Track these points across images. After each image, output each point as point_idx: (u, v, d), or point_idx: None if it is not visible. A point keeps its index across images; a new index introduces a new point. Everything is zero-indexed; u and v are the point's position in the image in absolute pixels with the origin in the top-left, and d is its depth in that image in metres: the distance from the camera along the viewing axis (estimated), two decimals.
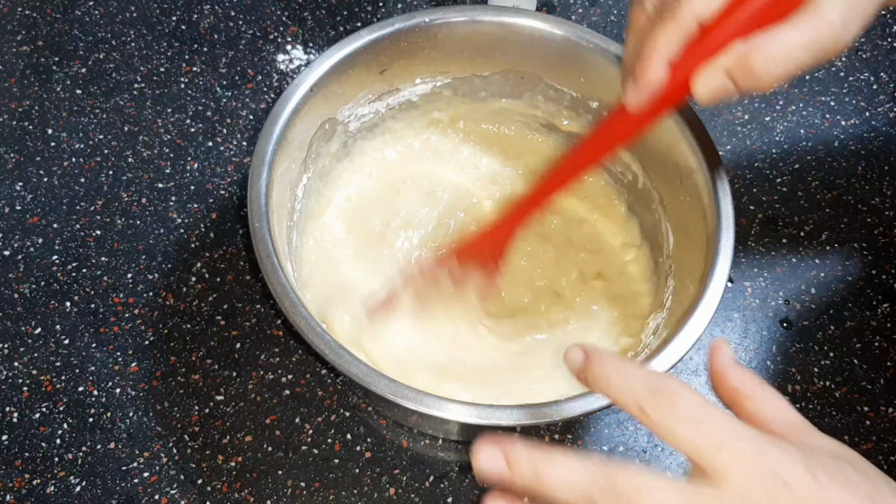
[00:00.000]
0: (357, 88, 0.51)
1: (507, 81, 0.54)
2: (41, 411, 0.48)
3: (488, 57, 0.53)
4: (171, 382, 0.50)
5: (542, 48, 0.51)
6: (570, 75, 0.52)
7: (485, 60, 0.53)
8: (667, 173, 0.49)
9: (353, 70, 0.49)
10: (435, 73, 0.53)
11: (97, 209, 0.56)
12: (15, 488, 0.46)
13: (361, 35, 0.49)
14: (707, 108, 0.58)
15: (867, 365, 0.53)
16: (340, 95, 0.50)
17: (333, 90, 0.49)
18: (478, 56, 0.52)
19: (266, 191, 0.43)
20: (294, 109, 0.46)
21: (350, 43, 0.49)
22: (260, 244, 0.42)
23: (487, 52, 0.52)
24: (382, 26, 0.49)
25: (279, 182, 0.45)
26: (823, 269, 0.57)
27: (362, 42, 0.49)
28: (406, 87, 0.53)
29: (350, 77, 0.49)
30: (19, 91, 0.61)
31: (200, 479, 0.47)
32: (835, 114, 0.64)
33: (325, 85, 0.48)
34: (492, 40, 0.51)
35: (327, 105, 0.50)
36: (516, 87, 0.55)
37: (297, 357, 0.51)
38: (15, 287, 0.52)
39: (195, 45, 0.64)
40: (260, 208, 0.43)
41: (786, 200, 0.59)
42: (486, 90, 0.55)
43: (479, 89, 0.55)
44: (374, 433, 0.49)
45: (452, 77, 0.54)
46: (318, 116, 0.49)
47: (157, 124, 0.60)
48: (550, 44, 0.51)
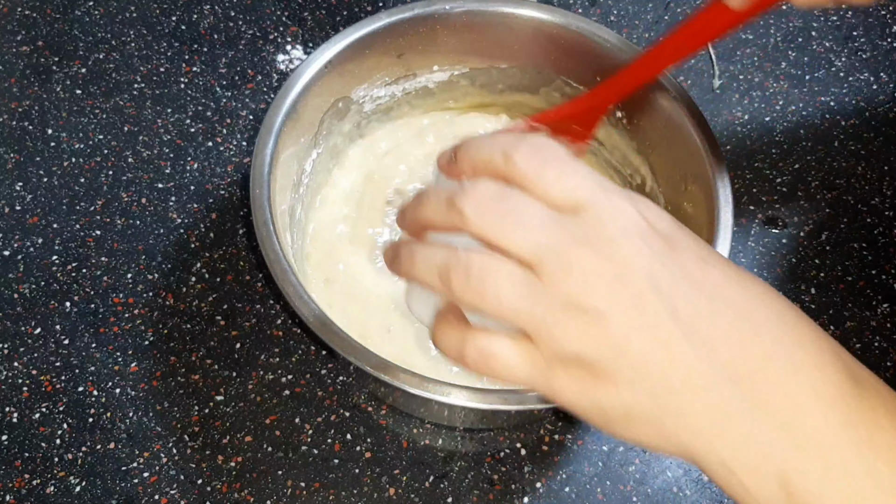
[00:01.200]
0: (373, 70, 0.51)
1: (525, 75, 0.54)
2: (41, 411, 0.48)
3: (506, 49, 0.53)
4: (171, 382, 0.50)
5: (558, 43, 0.51)
6: (587, 73, 0.52)
7: (502, 52, 0.53)
8: (673, 178, 0.49)
9: (370, 51, 0.49)
10: (453, 62, 0.53)
11: (97, 209, 0.56)
12: (15, 488, 0.46)
13: (380, 17, 0.49)
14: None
15: (867, 365, 0.52)
16: (356, 75, 0.50)
17: (349, 69, 0.49)
18: (496, 48, 0.52)
19: (271, 160, 0.44)
20: (307, 84, 0.46)
21: (368, 24, 0.49)
22: (258, 211, 0.42)
23: (505, 45, 0.52)
24: (402, 10, 0.49)
25: (286, 154, 0.45)
26: (823, 269, 0.57)
27: (381, 24, 0.49)
28: (423, 73, 0.54)
29: (367, 58, 0.50)
30: (19, 91, 0.61)
31: (200, 479, 0.47)
32: (835, 114, 0.64)
33: (340, 63, 0.48)
34: (509, 32, 0.51)
35: (342, 83, 0.50)
36: (533, 82, 0.55)
37: (297, 357, 0.51)
38: (15, 287, 0.52)
39: (195, 45, 0.64)
40: (262, 176, 0.43)
41: (786, 200, 0.59)
42: (503, 83, 0.55)
43: (497, 81, 0.55)
44: (374, 433, 0.49)
45: (470, 67, 0.54)
46: (331, 93, 0.49)
47: (156, 124, 0.60)
48: (567, 39, 0.50)
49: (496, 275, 0.27)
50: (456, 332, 0.29)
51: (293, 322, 0.52)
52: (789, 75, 0.66)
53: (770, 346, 0.26)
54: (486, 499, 0.47)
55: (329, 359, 0.51)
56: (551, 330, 0.26)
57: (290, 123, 0.45)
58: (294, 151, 0.47)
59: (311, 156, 0.50)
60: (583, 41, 0.50)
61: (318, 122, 0.49)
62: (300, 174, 0.49)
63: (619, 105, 0.52)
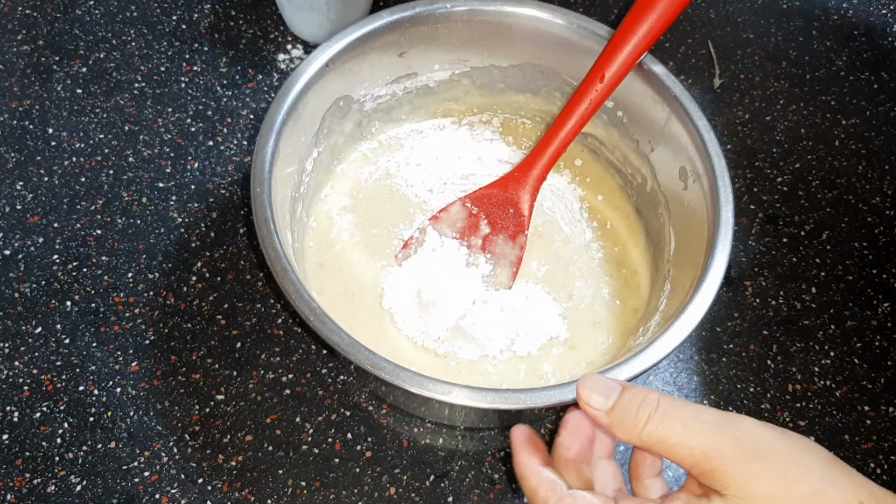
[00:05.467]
0: (375, 69, 0.51)
1: (525, 74, 0.54)
2: (42, 410, 0.48)
3: (507, 48, 0.53)
4: (172, 382, 0.50)
5: (560, 42, 0.51)
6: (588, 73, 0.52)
7: (503, 51, 0.53)
8: (673, 177, 0.49)
9: (371, 50, 0.49)
10: (454, 61, 0.53)
11: (98, 208, 0.56)
12: (15, 488, 0.46)
13: (382, 16, 0.49)
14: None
15: (868, 364, 0.53)
16: (357, 74, 0.50)
17: (350, 67, 0.49)
18: (497, 46, 0.52)
19: (271, 158, 0.43)
20: (308, 82, 0.46)
21: (370, 23, 0.49)
22: (258, 209, 0.42)
23: (506, 44, 0.52)
24: (403, 9, 0.49)
25: (286, 152, 0.45)
26: (824, 268, 0.57)
27: (382, 22, 0.49)
28: (424, 72, 0.54)
29: (368, 56, 0.49)
30: (20, 90, 0.61)
31: (201, 478, 0.47)
32: (835, 113, 0.64)
33: (341, 61, 0.48)
34: (510, 31, 0.51)
35: (343, 82, 0.50)
36: (534, 81, 0.55)
37: (298, 356, 0.51)
38: (15, 286, 0.52)
39: (195, 44, 0.64)
40: (262, 174, 0.43)
41: (786, 200, 0.59)
42: (504, 82, 0.55)
43: (498, 80, 0.55)
44: (375, 433, 0.49)
45: (471, 66, 0.54)
46: (332, 92, 0.49)
47: (157, 124, 0.60)
48: (568, 38, 0.50)
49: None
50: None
51: (294, 321, 0.52)
52: (790, 74, 0.66)
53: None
54: (486, 498, 0.47)
55: (330, 358, 0.51)
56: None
57: (290, 122, 0.45)
58: (295, 150, 0.47)
59: (311, 154, 0.50)
60: (583, 40, 0.50)
61: (319, 121, 0.49)
62: (301, 173, 0.49)
63: (619, 104, 0.52)
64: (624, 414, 0.33)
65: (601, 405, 0.33)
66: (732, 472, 0.29)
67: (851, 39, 0.68)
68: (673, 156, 0.49)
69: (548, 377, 0.47)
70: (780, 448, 0.30)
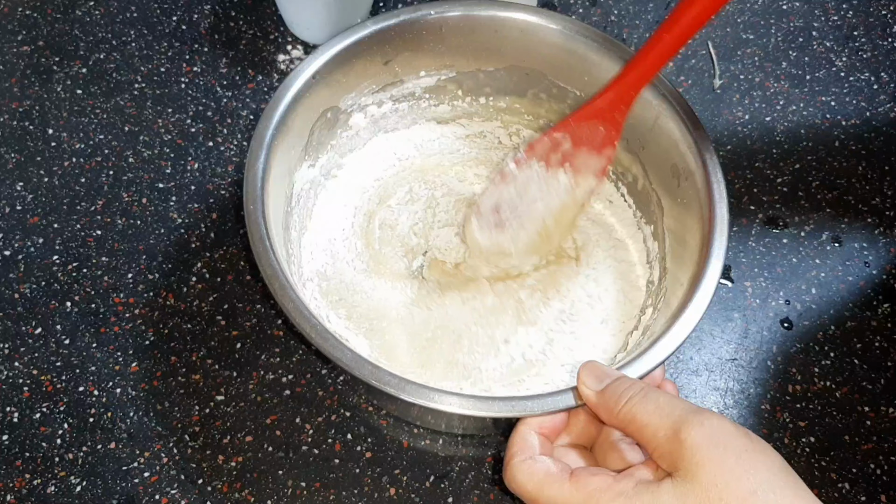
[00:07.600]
0: (361, 78, 0.51)
1: (512, 78, 0.54)
2: (41, 411, 0.48)
3: (493, 52, 0.52)
4: (172, 382, 0.50)
5: (546, 44, 0.51)
6: (574, 73, 0.52)
7: (489, 55, 0.53)
8: (665, 175, 0.49)
9: (356, 59, 0.49)
10: (440, 67, 0.53)
11: (98, 209, 0.56)
12: (15, 488, 0.46)
13: (366, 25, 0.49)
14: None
15: (868, 365, 0.53)
16: (343, 84, 0.50)
17: (337, 79, 0.49)
18: (483, 51, 0.52)
19: (263, 174, 0.43)
20: (295, 96, 0.46)
21: (354, 32, 0.49)
22: (253, 226, 0.42)
23: (492, 47, 0.52)
24: (387, 17, 0.49)
25: (277, 167, 0.45)
26: (824, 269, 0.57)
27: (367, 32, 0.49)
28: (410, 79, 0.53)
29: (354, 66, 0.49)
30: (20, 91, 0.61)
31: (201, 479, 0.47)
32: (835, 114, 0.64)
33: (327, 73, 0.48)
34: (496, 35, 0.51)
35: (330, 93, 0.50)
36: (521, 84, 0.54)
37: (298, 357, 0.51)
38: (15, 287, 0.52)
39: (195, 45, 0.64)
40: (255, 191, 0.43)
41: (786, 200, 0.59)
42: (490, 85, 0.55)
43: (484, 84, 0.55)
44: (375, 433, 0.49)
45: (457, 71, 0.54)
46: (319, 104, 0.49)
47: (157, 124, 0.60)
48: (554, 40, 0.50)
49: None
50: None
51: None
52: (790, 75, 0.66)
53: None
54: (486, 499, 0.47)
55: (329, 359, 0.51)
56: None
57: (280, 137, 0.45)
58: (286, 164, 0.47)
59: (302, 167, 0.50)
60: (568, 41, 0.50)
61: (307, 133, 0.49)
62: (293, 187, 0.49)
63: None
64: (609, 395, 0.35)
65: (594, 386, 0.36)
66: (685, 455, 0.31)
67: (852, 39, 0.68)
68: (662, 154, 0.49)
69: (548, 378, 0.47)
70: (735, 445, 0.31)
